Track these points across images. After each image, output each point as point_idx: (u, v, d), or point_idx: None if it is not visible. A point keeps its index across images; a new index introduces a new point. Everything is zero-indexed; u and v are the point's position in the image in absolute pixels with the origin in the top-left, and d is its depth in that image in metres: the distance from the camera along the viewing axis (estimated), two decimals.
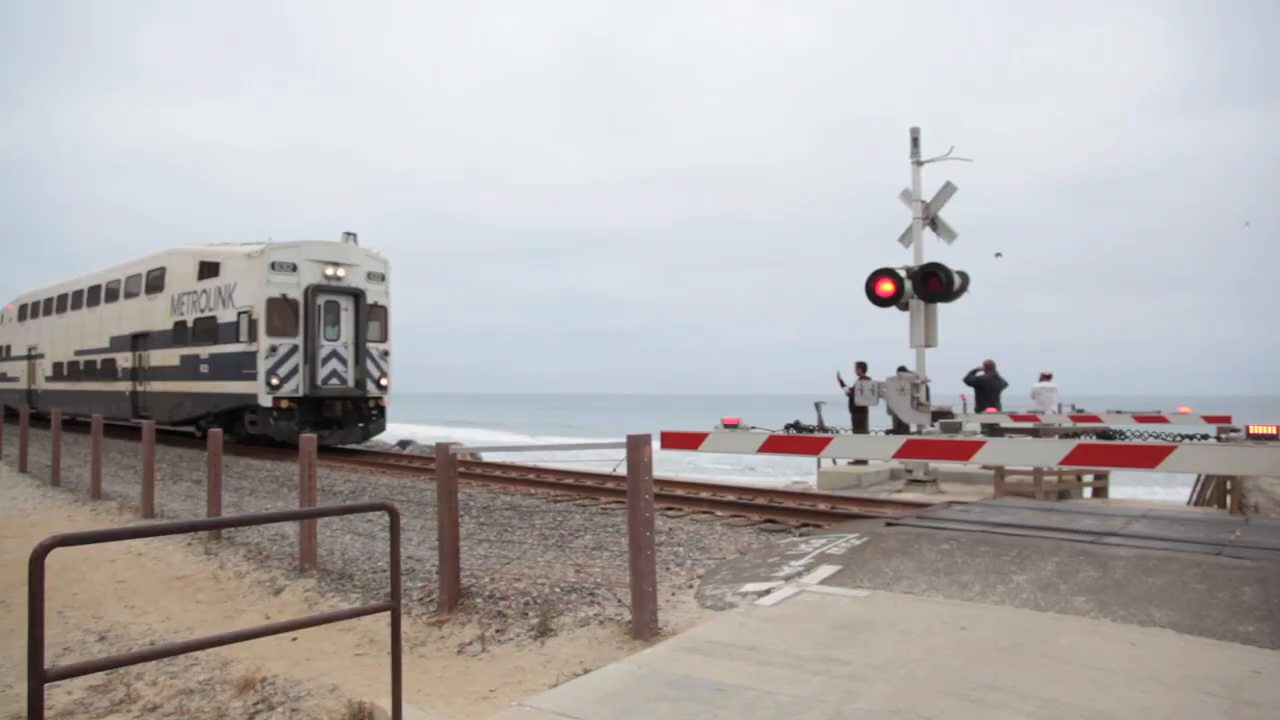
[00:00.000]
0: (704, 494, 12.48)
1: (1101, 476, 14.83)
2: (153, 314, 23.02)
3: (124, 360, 24.51)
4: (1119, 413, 14.64)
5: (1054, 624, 5.48)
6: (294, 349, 18.92)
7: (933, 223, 14.81)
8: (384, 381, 20.45)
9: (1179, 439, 7.28)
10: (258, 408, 18.77)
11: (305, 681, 6.42)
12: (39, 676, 3.05)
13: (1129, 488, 19.02)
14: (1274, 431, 6.77)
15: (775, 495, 12.62)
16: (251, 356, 18.78)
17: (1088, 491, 14.96)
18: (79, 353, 27.60)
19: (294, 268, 19.06)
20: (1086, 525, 8.54)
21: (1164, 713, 4.04)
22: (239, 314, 19.27)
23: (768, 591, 6.57)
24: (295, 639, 7.19)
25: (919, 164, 14.96)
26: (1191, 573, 6.40)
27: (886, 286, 13.77)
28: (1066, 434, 13.21)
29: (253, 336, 18.72)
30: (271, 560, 9.63)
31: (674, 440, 9.88)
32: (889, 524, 8.78)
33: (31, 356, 31.89)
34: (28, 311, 33.01)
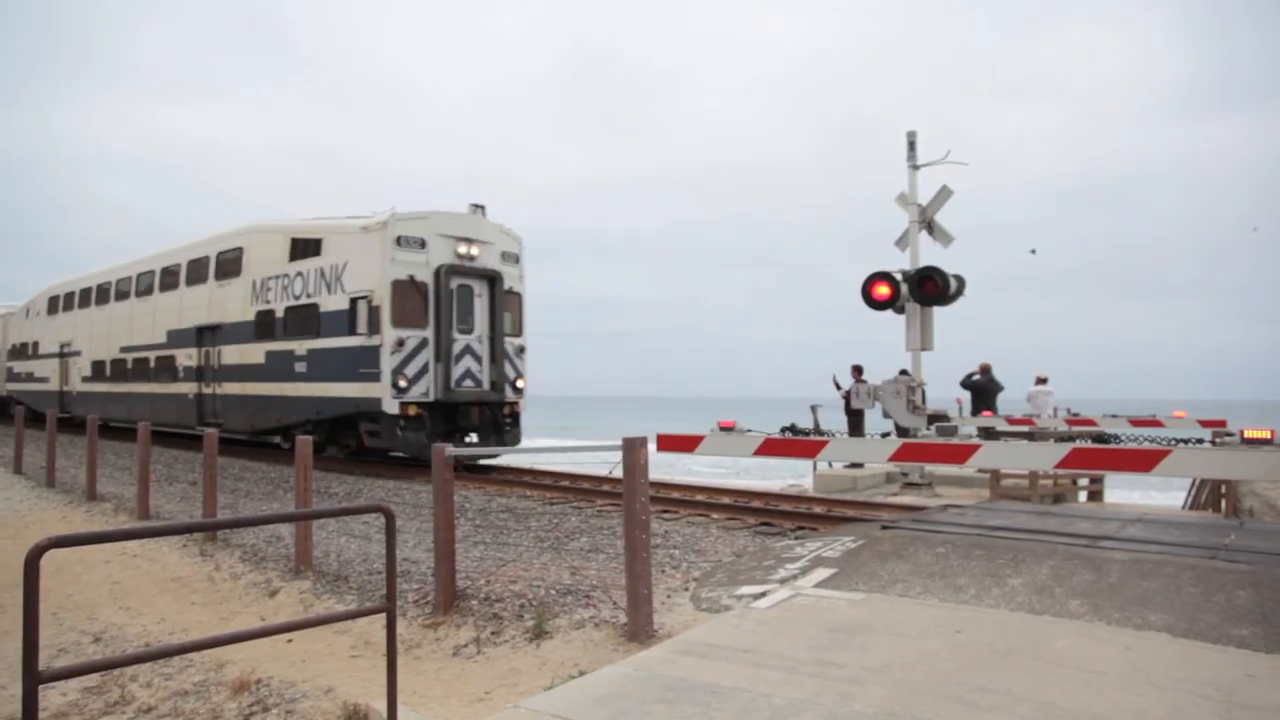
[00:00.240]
0: (700, 497, 12.49)
1: (1097, 480, 14.88)
2: (226, 303, 19.44)
3: (186, 358, 20.96)
4: (1114, 416, 14.67)
5: (1049, 627, 5.49)
6: (423, 343, 15.44)
7: (929, 226, 14.84)
8: (520, 384, 17.09)
9: (1174, 443, 7.29)
10: (381, 415, 15.21)
11: (300, 683, 6.41)
12: (34, 678, 3.04)
13: (1124, 491, 19.07)
14: (1269, 436, 6.79)
15: (771, 498, 12.63)
16: (372, 352, 15.24)
17: (1083, 495, 15.00)
18: (125, 349, 23.98)
19: (422, 244, 15.58)
20: (1082, 529, 8.56)
21: (1158, 716, 4.05)
22: (352, 300, 15.73)
23: (763, 594, 6.58)
24: (290, 641, 7.18)
25: (915, 168, 15.00)
26: (1186, 576, 6.42)
27: (883, 290, 13.78)
28: (1062, 437, 13.23)
29: (373, 328, 15.21)
30: (267, 562, 9.62)
31: (670, 443, 9.87)
32: (884, 527, 8.79)
33: (64, 354, 28.08)
34: (59, 303, 29.01)
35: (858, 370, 17.65)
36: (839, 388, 18.11)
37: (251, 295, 18.59)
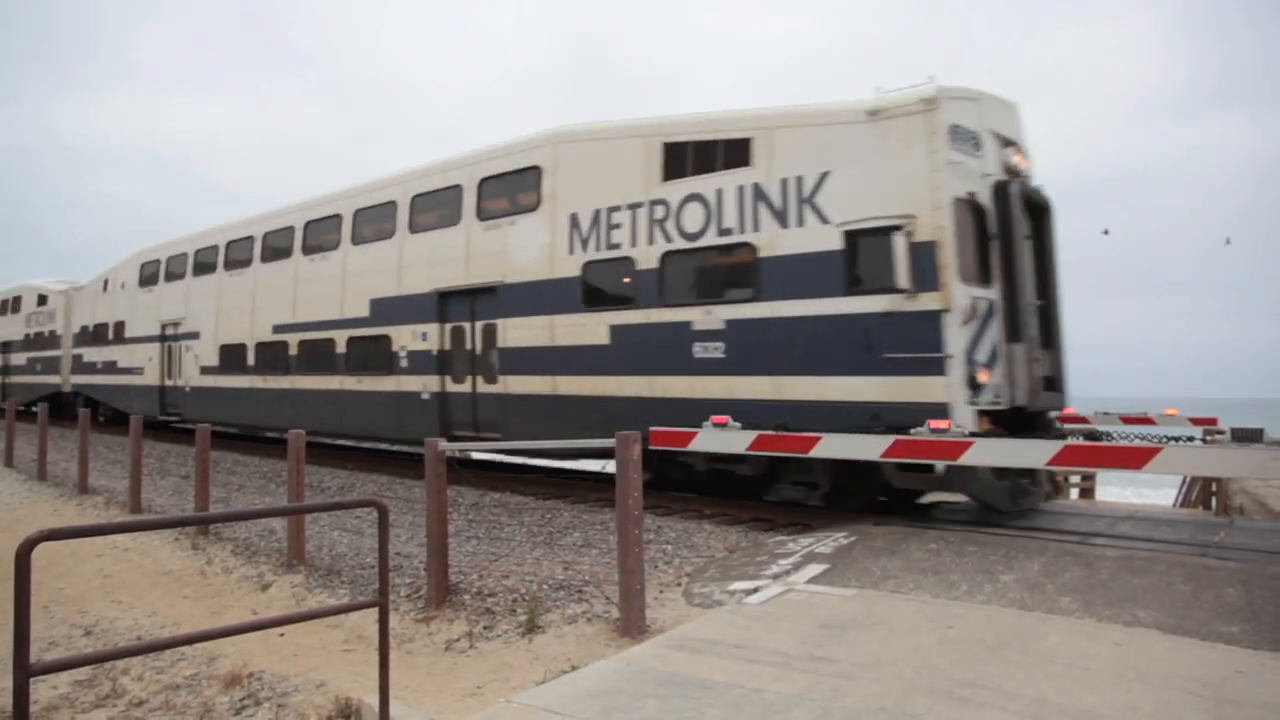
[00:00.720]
0: (692, 492, 12.48)
1: (1089, 478, 14.92)
2: (504, 253, 12.91)
3: (414, 338, 14.37)
4: (1106, 414, 14.73)
5: (1040, 623, 5.52)
6: (990, 311, 9.22)
7: None
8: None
9: (1165, 441, 7.33)
10: None
11: (292, 677, 6.41)
12: (24, 670, 3.03)
13: (1116, 489, 19.13)
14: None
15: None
16: (922, 324, 8.87)
17: (1075, 493, 15.04)
18: (283, 329, 17.48)
19: (976, 143, 9.48)
20: (1073, 526, 8.60)
21: (1148, 711, 4.08)
22: (851, 235, 9.37)
23: (755, 590, 6.59)
24: (283, 635, 7.18)
25: None
26: (1176, 573, 6.46)
27: None
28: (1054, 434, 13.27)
29: (922, 280, 8.85)
30: (259, 556, 9.61)
31: (663, 438, 9.88)
32: (877, 523, 8.82)
33: (169, 337, 21.68)
34: (160, 271, 22.37)
35: None
36: None
37: (569, 238, 12.02)
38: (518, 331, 12.74)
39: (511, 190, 13.13)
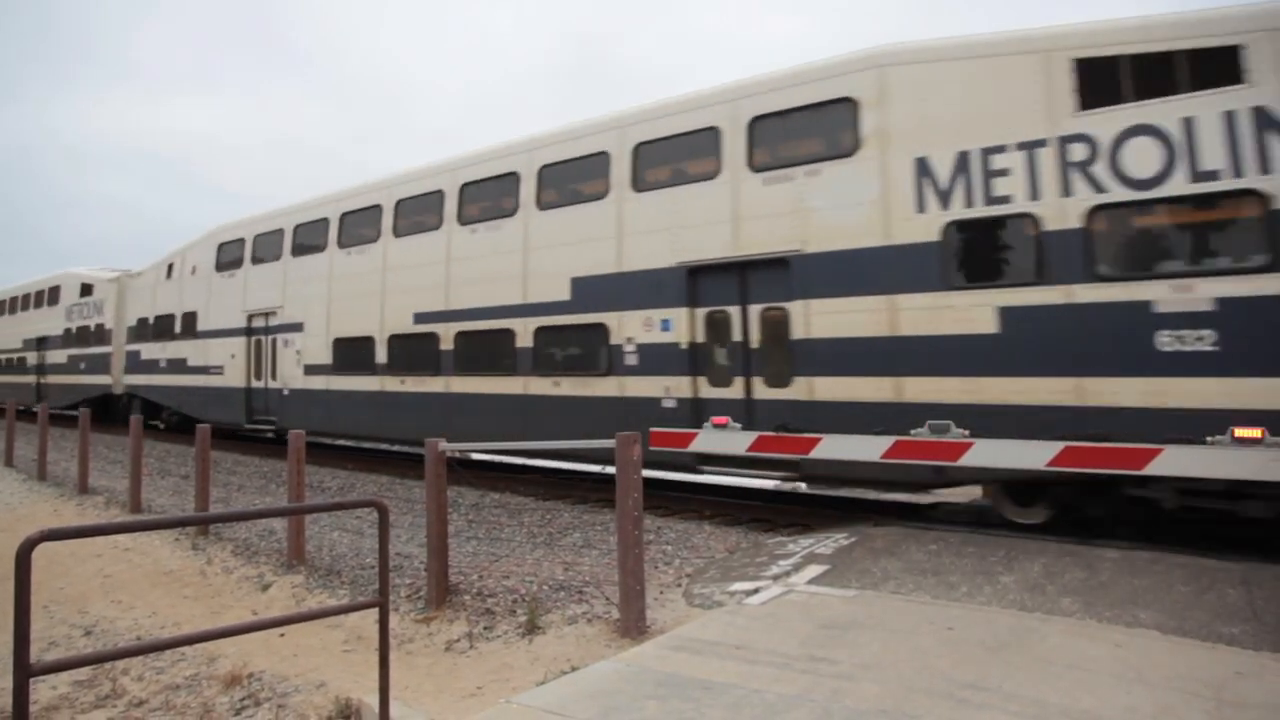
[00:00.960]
0: (692, 493, 12.49)
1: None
2: (798, 215, 9.80)
3: (643, 328, 11.12)
4: None
5: (1040, 625, 5.51)
6: None
7: None
8: None
9: (1166, 441, 7.33)
10: None
11: (292, 678, 6.41)
12: (24, 670, 3.04)
13: None
14: (1259, 435, 6.84)
15: (764, 495, 12.64)
16: None
17: None
18: (434, 318, 14.01)
19: None
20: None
21: (1149, 713, 4.08)
22: None
23: (756, 590, 6.59)
24: (283, 635, 7.18)
25: None
26: (1177, 574, 6.46)
27: None
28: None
29: None
30: (259, 556, 9.61)
31: (663, 439, 9.88)
32: (877, 524, 8.82)
33: (259, 330, 18.10)
34: (244, 253, 18.87)
35: None
36: None
37: (915, 190, 8.95)
38: (830, 318, 9.50)
39: (806, 130, 10.13)
